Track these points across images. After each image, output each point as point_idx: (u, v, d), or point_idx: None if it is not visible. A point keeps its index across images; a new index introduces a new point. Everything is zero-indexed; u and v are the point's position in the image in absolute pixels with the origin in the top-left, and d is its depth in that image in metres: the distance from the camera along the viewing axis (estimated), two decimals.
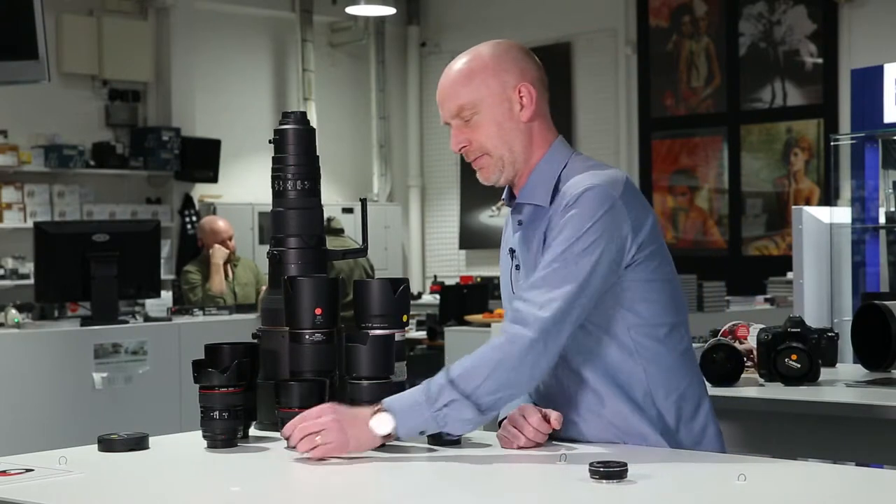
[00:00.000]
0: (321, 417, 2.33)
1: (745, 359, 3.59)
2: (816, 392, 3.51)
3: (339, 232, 7.34)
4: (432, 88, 13.02)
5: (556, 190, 2.46)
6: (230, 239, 7.33)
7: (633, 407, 2.43)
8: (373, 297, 2.59)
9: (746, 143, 10.13)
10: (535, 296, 2.34)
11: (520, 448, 2.42)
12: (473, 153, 2.53)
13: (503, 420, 2.50)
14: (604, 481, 2.10)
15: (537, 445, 2.42)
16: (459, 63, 2.56)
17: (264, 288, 2.91)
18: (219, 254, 7.22)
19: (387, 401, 2.36)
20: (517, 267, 2.53)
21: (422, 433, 2.38)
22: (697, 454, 2.39)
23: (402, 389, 2.62)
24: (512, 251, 2.55)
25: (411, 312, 3.44)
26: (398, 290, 2.60)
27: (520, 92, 2.49)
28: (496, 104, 2.49)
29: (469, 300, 8.28)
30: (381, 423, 2.33)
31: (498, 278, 9.48)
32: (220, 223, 7.38)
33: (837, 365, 3.95)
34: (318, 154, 2.82)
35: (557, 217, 2.40)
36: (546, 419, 2.42)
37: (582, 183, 2.40)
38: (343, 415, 2.34)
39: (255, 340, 2.74)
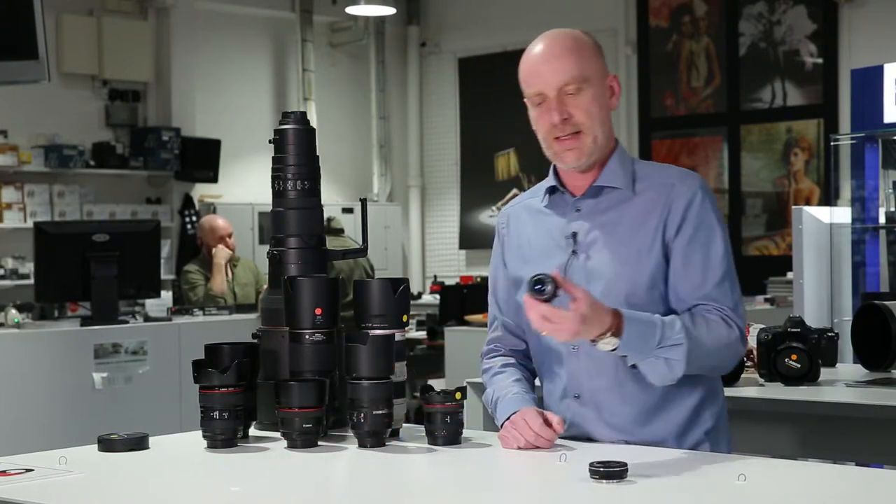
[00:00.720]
0: (576, 315, 2.26)
1: (745, 359, 3.59)
2: (816, 392, 3.51)
3: (339, 232, 7.34)
4: (432, 88, 13.03)
5: (633, 180, 2.52)
6: (230, 237, 7.33)
7: (691, 414, 2.49)
8: (373, 297, 2.59)
9: (746, 143, 10.13)
10: (728, 293, 2.46)
11: (519, 449, 2.43)
12: (570, 128, 2.49)
13: (505, 422, 2.50)
14: (604, 481, 2.10)
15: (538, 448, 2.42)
16: (564, 36, 2.53)
17: (265, 287, 2.91)
18: (222, 254, 7.23)
19: (626, 324, 2.32)
20: (575, 252, 2.51)
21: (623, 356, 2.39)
22: (697, 454, 2.39)
23: (402, 390, 2.63)
24: (574, 235, 2.52)
25: (411, 312, 3.44)
26: (398, 290, 2.60)
27: (611, 81, 2.55)
28: (599, 85, 2.52)
29: (469, 300, 8.27)
30: (606, 345, 2.34)
31: None
32: (220, 221, 7.38)
33: (837, 365, 3.95)
34: (318, 154, 2.82)
35: (679, 207, 2.46)
36: (548, 423, 2.42)
37: (685, 176, 2.51)
38: (586, 324, 2.28)
39: (255, 340, 2.74)
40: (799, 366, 3.58)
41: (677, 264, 2.46)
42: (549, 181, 2.61)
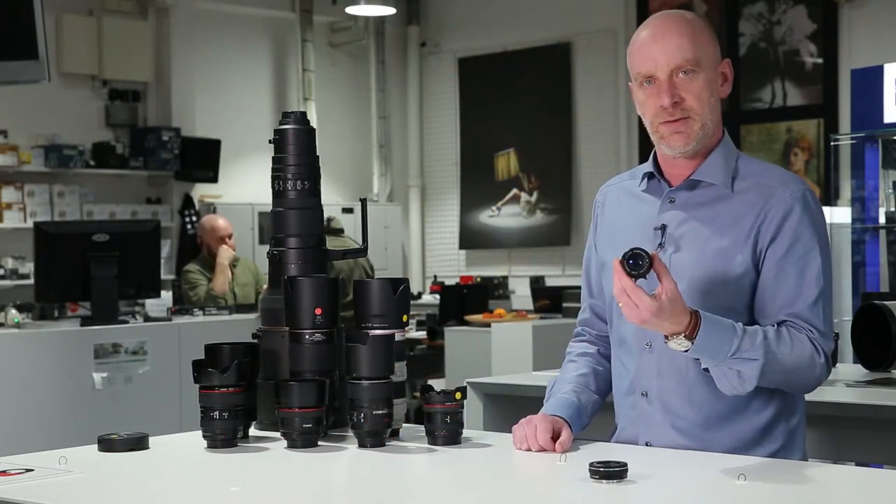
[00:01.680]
0: (654, 305, 2.19)
1: None
2: (816, 392, 3.49)
3: (339, 232, 7.34)
4: (432, 88, 13.03)
5: (734, 178, 2.42)
6: (230, 237, 7.33)
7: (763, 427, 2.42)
8: (372, 297, 2.59)
9: (746, 143, 10.13)
10: (820, 317, 2.38)
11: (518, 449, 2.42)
12: (680, 112, 2.38)
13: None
14: (604, 481, 2.09)
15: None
16: (679, 18, 2.43)
17: (265, 287, 2.91)
18: (225, 254, 7.24)
19: (702, 328, 2.23)
20: (661, 245, 2.42)
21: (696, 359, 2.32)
22: (697, 454, 2.39)
23: (402, 390, 2.62)
24: (663, 227, 2.43)
25: (411, 312, 3.44)
26: (398, 290, 2.60)
27: (724, 67, 2.45)
28: (711, 70, 2.42)
29: (469, 300, 8.27)
30: (678, 345, 2.26)
31: (498, 277, 9.49)
32: (220, 221, 7.38)
33: (837, 365, 3.95)
34: (318, 154, 2.82)
35: (777, 215, 2.37)
36: (555, 438, 2.38)
37: (790, 181, 2.41)
38: (663, 317, 2.20)
39: (255, 340, 2.74)
40: None
41: (769, 277, 2.36)
42: (648, 166, 2.50)
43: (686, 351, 2.26)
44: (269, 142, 2.80)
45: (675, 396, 2.41)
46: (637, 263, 2.21)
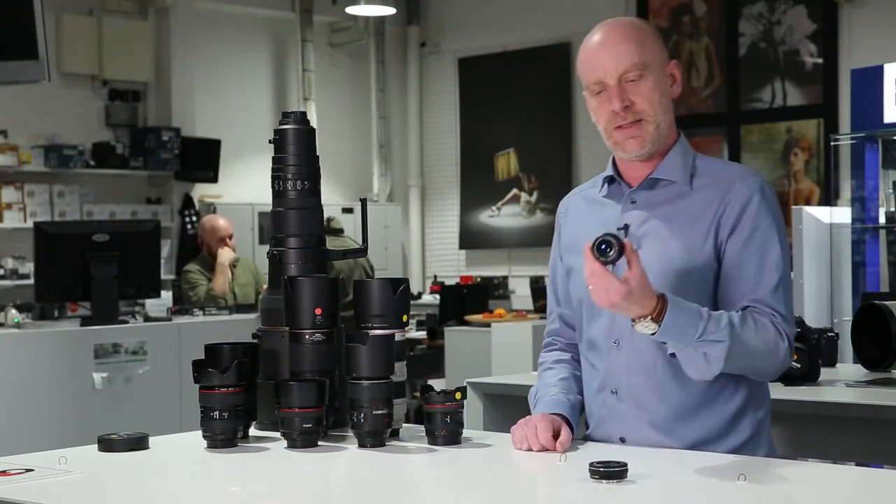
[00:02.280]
0: (626, 282, 2.23)
1: None
2: (816, 392, 3.51)
3: (339, 232, 7.34)
4: (432, 88, 13.02)
5: (692, 175, 2.47)
6: (230, 238, 7.33)
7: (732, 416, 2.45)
8: (372, 298, 2.59)
9: (746, 143, 10.13)
10: (781, 301, 2.40)
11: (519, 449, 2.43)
12: (632, 116, 2.43)
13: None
14: (604, 481, 2.10)
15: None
16: (624, 25, 2.49)
17: (265, 287, 2.91)
18: (226, 255, 7.25)
19: (668, 311, 2.26)
20: None
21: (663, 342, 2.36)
22: (697, 454, 2.39)
23: (402, 390, 2.62)
24: (626, 227, 2.47)
25: (411, 312, 3.44)
26: (398, 290, 2.60)
27: (672, 69, 2.50)
28: (659, 73, 2.47)
29: (469, 300, 8.27)
30: (644, 328, 2.29)
31: (498, 277, 9.49)
32: (221, 221, 7.39)
33: (837, 365, 3.95)
34: (318, 154, 2.82)
35: (735, 207, 2.41)
36: (554, 437, 2.40)
37: (747, 174, 2.46)
38: (631, 301, 2.24)
39: (255, 340, 2.74)
40: (799, 366, 3.58)
41: (730, 267, 2.41)
42: (608, 171, 2.56)
43: (653, 334, 2.29)
44: (269, 142, 2.80)
45: (645, 392, 2.44)
46: (606, 250, 2.25)
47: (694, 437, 2.42)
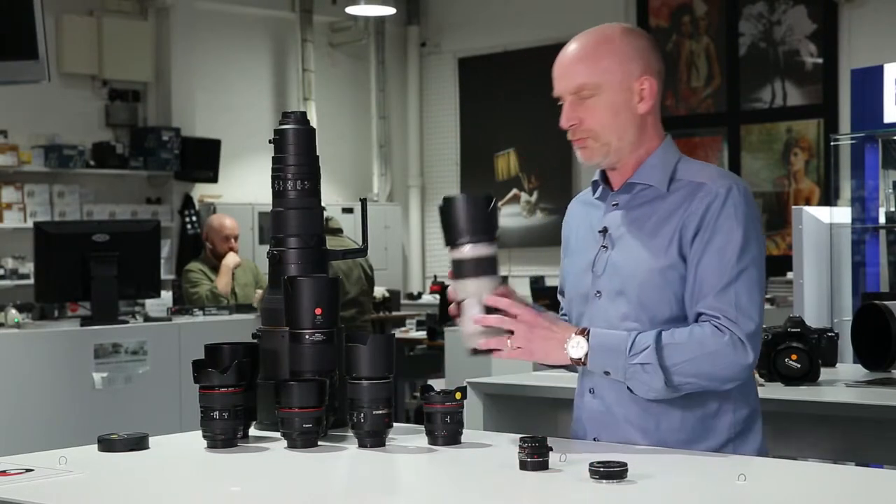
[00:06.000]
0: (520, 321, 2.35)
1: None
2: (816, 392, 3.51)
3: (338, 232, 7.33)
4: (432, 88, 13.00)
5: (671, 179, 2.48)
6: (235, 239, 7.34)
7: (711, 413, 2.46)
8: (465, 214, 2.46)
9: (746, 143, 10.13)
10: (731, 302, 2.38)
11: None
12: (580, 133, 2.48)
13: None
14: (604, 481, 2.10)
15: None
16: (587, 40, 2.51)
17: (258, 291, 2.91)
18: (231, 259, 7.26)
19: (592, 330, 2.39)
20: (605, 247, 2.50)
21: (606, 373, 2.39)
22: (698, 454, 2.39)
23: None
24: (605, 230, 2.51)
25: (411, 313, 3.43)
26: (490, 205, 2.47)
27: (642, 84, 2.49)
28: (617, 91, 2.47)
29: None
30: (576, 348, 2.36)
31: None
32: (227, 221, 7.40)
33: (837, 365, 3.95)
34: (318, 154, 2.82)
35: (699, 208, 2.41)
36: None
37: (719, 177, 2.45)
38: (540, 326, 2.37)
39: (255, 340, 2.74)
40: (799, 366, 3.58)
41: (691, 270, 2.42)
42: (596, 174, 2.59)
43: (585, 355, 2.37)
44: (269, 142, 2.80)
45: (620, 389, 2.44)
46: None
47: (664, 436, 2.44)
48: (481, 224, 2.44)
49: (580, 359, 2.39)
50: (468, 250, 2.45)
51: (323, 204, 2.85)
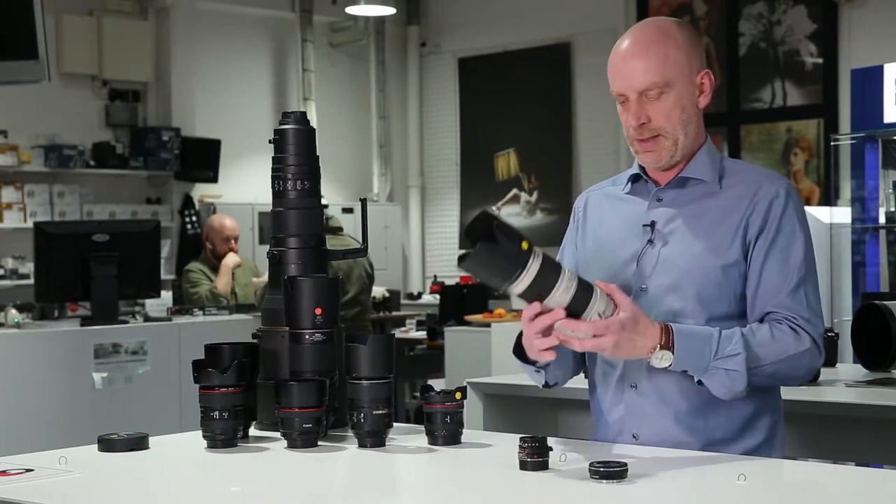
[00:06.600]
0: (616, 322, 2.25)
1: None
2: (816, 392, 3.51)
3: (338, 230, 7.33)
4: (432, 88, 13.00)
5: (720, 175, 2.48)
6: (235, 240, 7.34)
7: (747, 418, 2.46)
8: (491, 259, 2.22)
9: (746, 143, 10.13)
10: (803, 303, 2.40)
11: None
12: (649, 132, 2.44)
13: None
14: (604, 481, 2.10)
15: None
16: (647, 35, 2.46)
17: (254, 279, 2.91)
18: (231, 259, 7.27)
19: (677, 336, 2.31)
20: (651, 241, 2.46)
21: (684, 371, 2.36)
22: (697, 454, 2.39)
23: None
24: (653, 224, 2.47)
25: (411, 313, 3.43)
26: (495, 222, 2.22)
27: (702, 78, 2.48)
28: (686, 88, 2.45)
29: (469, 300, 8.26)
30: (660, 360, 2.32)
31: None
32: (228, 221, 7.41)
33: (837, 365, 3.95)
34: (318, 154, 2.82)
35: (762, 207, 2.41)
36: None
37: (773, 176, 2.48)
38: (630, 332, 2.27)
39: (255, 340, 2.74)
40: None
41: (755, 269, 2.41)
42: (634, 169, 2.56)
43: (670, 365, 2.32)
44: (269, 142, 2.80)
45: (666, 386, 2.43)
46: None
47: (712, 434, 2.42)
48: (510, 254, 2.20)
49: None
50: (526, 280, 2.22)
51: (324, 201, 2.85)
